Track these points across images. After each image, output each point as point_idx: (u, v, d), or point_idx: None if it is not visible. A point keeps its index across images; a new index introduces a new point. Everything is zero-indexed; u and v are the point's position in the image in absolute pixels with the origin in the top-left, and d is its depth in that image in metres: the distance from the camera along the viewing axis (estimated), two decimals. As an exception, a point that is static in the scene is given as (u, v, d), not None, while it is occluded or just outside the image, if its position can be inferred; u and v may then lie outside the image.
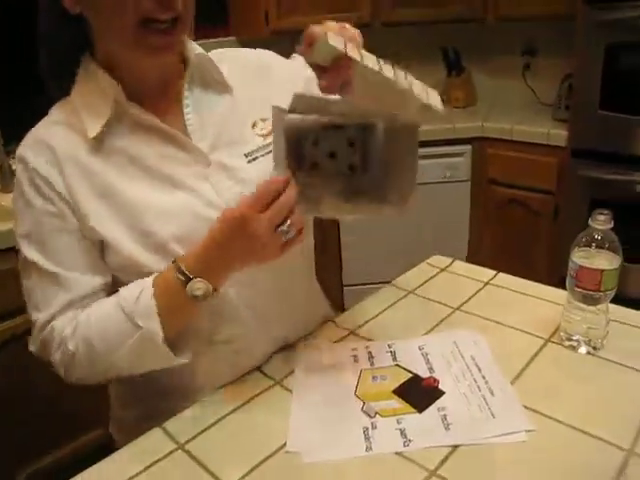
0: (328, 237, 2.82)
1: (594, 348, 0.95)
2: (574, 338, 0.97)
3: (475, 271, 1.27)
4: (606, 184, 2.37)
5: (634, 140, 2.30)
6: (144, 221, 0.84)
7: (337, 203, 0.80)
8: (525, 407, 0.84)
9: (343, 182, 0.79)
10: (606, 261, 0.91)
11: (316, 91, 0.84)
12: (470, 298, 1.15)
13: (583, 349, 0.96)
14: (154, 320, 0.80)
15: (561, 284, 0.97)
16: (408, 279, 1.25)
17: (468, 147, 2.74)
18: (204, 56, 0.93)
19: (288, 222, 0.76)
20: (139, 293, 0.81)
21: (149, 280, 0.82)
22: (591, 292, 0.91)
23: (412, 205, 0.80)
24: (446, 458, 0.77)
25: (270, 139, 0.90)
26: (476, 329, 1.04)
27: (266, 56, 1.03)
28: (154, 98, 0.89)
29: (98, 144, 0.85)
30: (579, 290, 0.93)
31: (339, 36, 0.78)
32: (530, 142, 2.59)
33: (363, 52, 0.80)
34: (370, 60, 0.79)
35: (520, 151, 2.63)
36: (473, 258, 2.85)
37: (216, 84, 0.94)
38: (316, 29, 0.80)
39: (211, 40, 2.76)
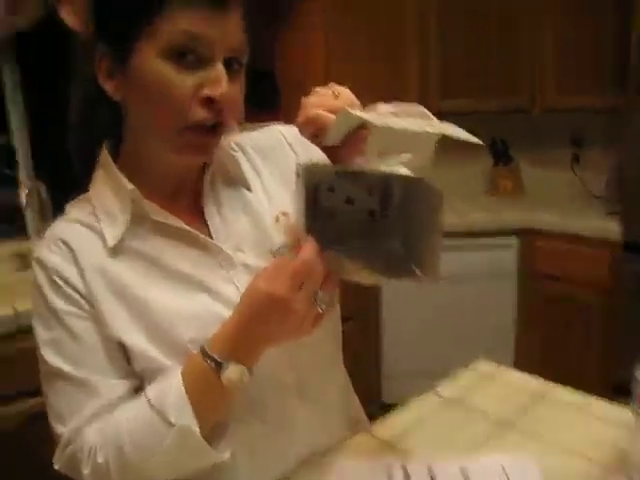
0: (369, 326, 2.75)
1: (664, 484, 0.84)
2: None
3: (522, 380, 1.17)
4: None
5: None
6: (164, 326, 0.80)
7: (357, 260, 0.73)
8: None
9: (362, 231, 0.72)
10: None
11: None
12: (518, 412, 1.06)
13: (652, 485, 0.85)
14: (188, 414, 0.74)
15: (615, 391, 0.88)
16: (451, 387, 1.16)
17: (514, 239, 2.67)
18: (226, 152, 0.91)
19: (320, 293, 0.72)
20: (168, 387, 0.76)
21: (177, 373, 0.77)
22: (660, 419, 0.82)
23: (436, 276, 0.72)
24: None
25: None
26: (526, 451, 0.93)
27: (276, 134, 0.99)
28: (174, 195, 0.87)
29: (118, 246, 0.82)
30: (646, 416, 0.83)
31: (352, 107, 0.74)
32: (580, 235, 2.51)
33: (378, 113, 0.75)
34: (390, 119, 0.73)
35: (570, 244, 2.54)
36: (520, 358, 2.72)
37: (237, 180, 0.92)
38: (318, 112, 0.75)
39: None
